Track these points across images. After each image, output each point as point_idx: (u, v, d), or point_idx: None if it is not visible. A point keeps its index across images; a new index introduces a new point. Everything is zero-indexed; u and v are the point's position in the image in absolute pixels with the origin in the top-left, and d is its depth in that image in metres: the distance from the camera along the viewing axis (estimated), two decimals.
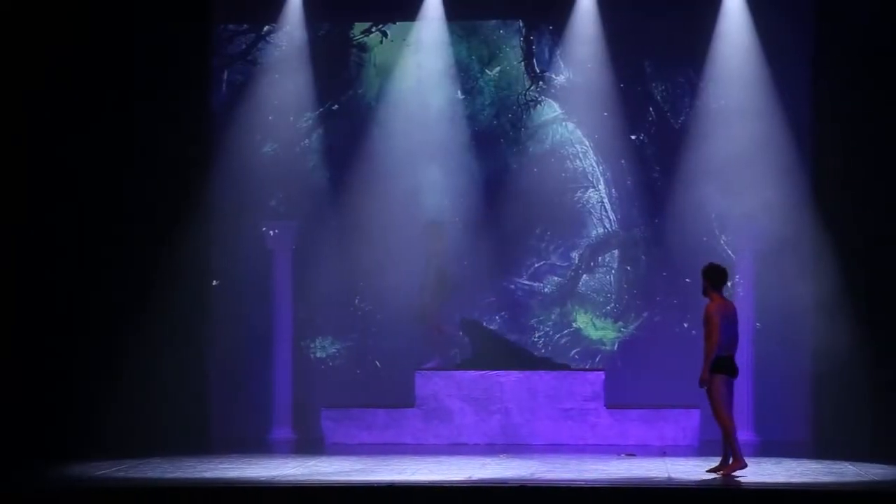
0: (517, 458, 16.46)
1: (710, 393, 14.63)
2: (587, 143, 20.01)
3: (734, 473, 14.61)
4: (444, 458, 16.51)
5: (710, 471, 14.74)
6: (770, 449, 17.71)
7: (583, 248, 20.05)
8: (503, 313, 20.08)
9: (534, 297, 20.08)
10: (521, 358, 18.94)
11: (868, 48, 17.65)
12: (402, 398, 19.03)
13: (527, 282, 20.11)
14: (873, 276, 17.59)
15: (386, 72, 20.04)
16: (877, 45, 17.61)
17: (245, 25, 20.13)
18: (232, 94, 19.96)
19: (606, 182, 19.99)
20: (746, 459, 14.81)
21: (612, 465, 15.85)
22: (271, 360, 19.43)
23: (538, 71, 20.08)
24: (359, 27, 20.21)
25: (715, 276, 14.74)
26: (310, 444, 18.50)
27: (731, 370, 14.61)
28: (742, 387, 18.79)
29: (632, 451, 17.21)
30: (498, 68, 20.14)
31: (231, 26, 20.09)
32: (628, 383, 19.15)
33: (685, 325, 19.46)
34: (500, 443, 18.30)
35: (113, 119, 17.97)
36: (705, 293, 14.80)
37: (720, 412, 14.61)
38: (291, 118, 20.07)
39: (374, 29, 20.15)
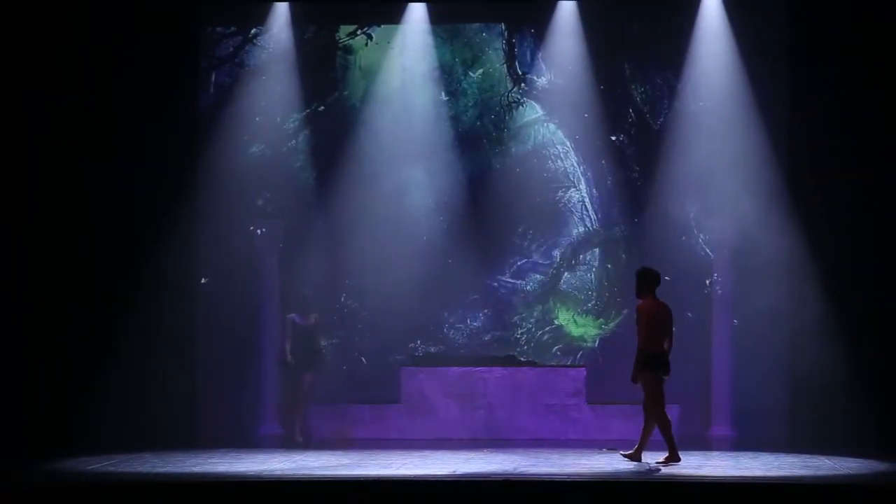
0: (501, 453, 16.62)
1: (643, 388, 15.20)
2: (568, 143, 20.17)
3: (671, 465, 15.16)
4: (428, 453, 16.66)
5: (658, 463, 15.20)
6: (748, 443, 17.93)
7: (564, 247, 20.21)
8: (486, 311, 20.24)
9: (516, 294, 20.23)
10: None
11: (843, 49, 17.82)
12: (388, 394, 19.22)
13: (510, 280, 20.26)
14: (850, 272, 17.74)
15: (371, 74, 20.18)
16: (851, 47, 17.78)
17: (232, 28, 20.21)
18: (219, 96, 20.05)
19: (587, 182, 20.15)
20: (721, 454, 15.12)
21: (593, 459, 16.03)
22: (259, 357, 19.58)
23: (520, 73, 20.24)
24: (344, 30, 20.33)
25: (647, 278, 15.41)
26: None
27: (659, 366, 15.14)
28: (720, 383, 19.07)
29: (613, 446, 17.37)
30: (481, 70, 20.31)
31: (219, 29, 20.16)
32: (609, 379, 19.32)
33: None
34: (484, 438, 18.49)
35: (101, 120, 18.09)
36: (639, 294, 15.41)
37: (653, 406, 15.16)
38: (278, 119, 20.20)
39: (359, 32, 20.28)
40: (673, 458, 15.21)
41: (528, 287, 20.25)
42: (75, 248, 17.89)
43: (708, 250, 19.52)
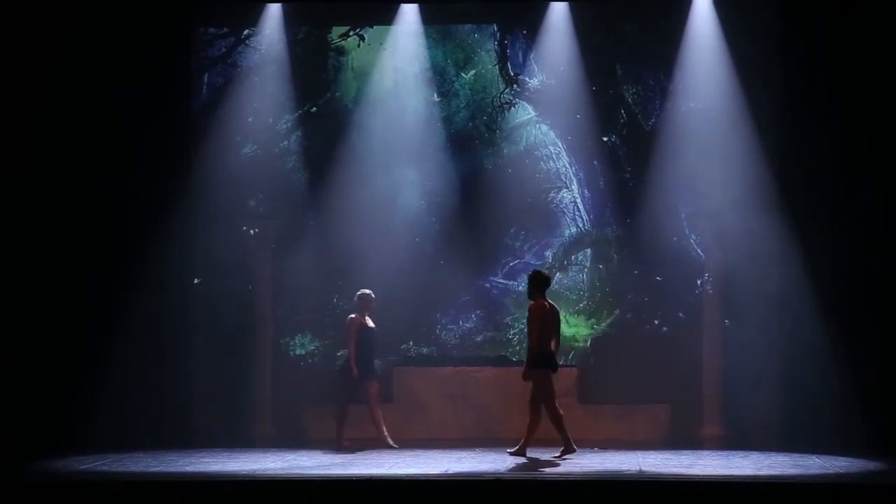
0: (492, 453, 16.71)
1: (534, 385, 15.96)
2: (560, 144, 20.19)
3: (566, 457, 15.86)
4: (421, 452, 16.76)
5: (555, 457, 15.86)
6: (739, 443, 18.03)
7: (556, 247, 20.22)
8: (479, 311, 20.26)
9: (509, 295, 20.23)
10: None
11: (834, 49, 17.93)
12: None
13: (502, 280, 20.28)
14: (841, 271, 17.84)
15: (363, 75, 20.17)
16: (842, 47, 17.90)
17: (225, 29, 20.20)
18: (212, 97, 20.03)
19: (579, 182, 20.18)
20: (712, 453, 15.31)
21: (585, 458, 16.12)
22: (252, 357, 19.58)
23: (512, 74, 20.24)
24: (337, 31, 20.34)
25: (538, 281, 16.36)
26: (290, 439, 18.72)
27: (549, 364, 15.99)
28: (712, 382, 19.11)
29: (604, 446, 17.43)
30: (473, 71, 20.31)
31: (211, 30, 20.17)
32: (601, 379, 19.39)
33: (656, 321, 19.70)
34: (476, 437, 18.54)
35: (94, 121, 18.15)
36: (530, 296, 16.25)
37: (545, 402, 15.93)
38: (270, 120, 20.21)
39: (351, 33, 20.28)
40: (569, 451, 15.89)
41: (521, 288, 20.17)
42: (70, 247, 17.95)
43: (699, 251, 19.56)
